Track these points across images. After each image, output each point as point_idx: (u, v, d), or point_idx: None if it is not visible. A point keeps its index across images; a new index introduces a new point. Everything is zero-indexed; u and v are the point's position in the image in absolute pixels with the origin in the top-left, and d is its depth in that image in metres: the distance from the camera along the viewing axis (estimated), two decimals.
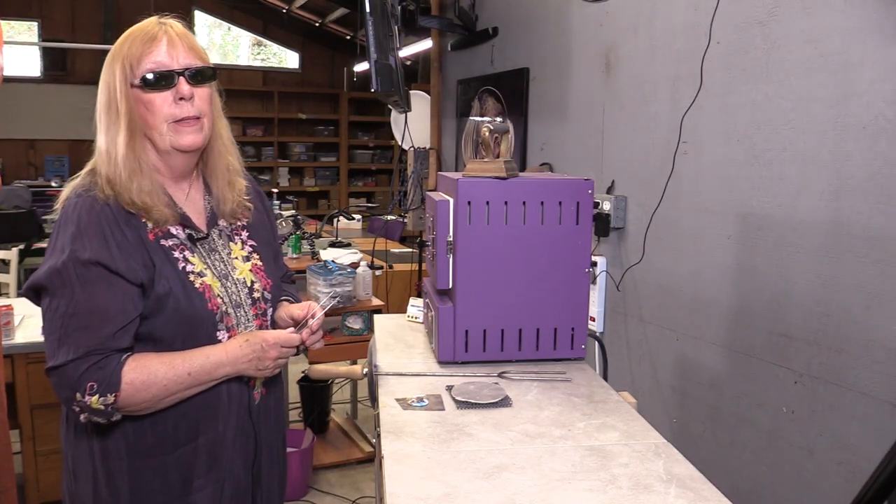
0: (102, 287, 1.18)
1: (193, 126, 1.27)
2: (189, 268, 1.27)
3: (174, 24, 1.27)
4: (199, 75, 1.26)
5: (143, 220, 1.24)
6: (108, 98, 1.25)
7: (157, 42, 1.23)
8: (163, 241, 1.25)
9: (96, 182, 1.23)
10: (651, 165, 2.49)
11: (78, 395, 1.15)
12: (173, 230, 1.28)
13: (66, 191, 1.26)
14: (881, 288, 1.70)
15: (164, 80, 1.23)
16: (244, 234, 1.41)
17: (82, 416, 1.18)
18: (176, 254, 1.26)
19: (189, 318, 1.25)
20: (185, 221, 1.30)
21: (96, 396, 1.15)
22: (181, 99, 1.24)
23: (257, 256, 1.41)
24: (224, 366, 1.26)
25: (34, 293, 1.23)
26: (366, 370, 1.53)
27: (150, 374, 1.19)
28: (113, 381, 1.16)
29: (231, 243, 1.38)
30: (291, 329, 1.35)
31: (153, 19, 1.28)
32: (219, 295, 1.29)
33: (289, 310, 1.42)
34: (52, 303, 1.18)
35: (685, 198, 2.34)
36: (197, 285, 1.26)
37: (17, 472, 2.35)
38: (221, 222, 1.38)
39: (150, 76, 1.22)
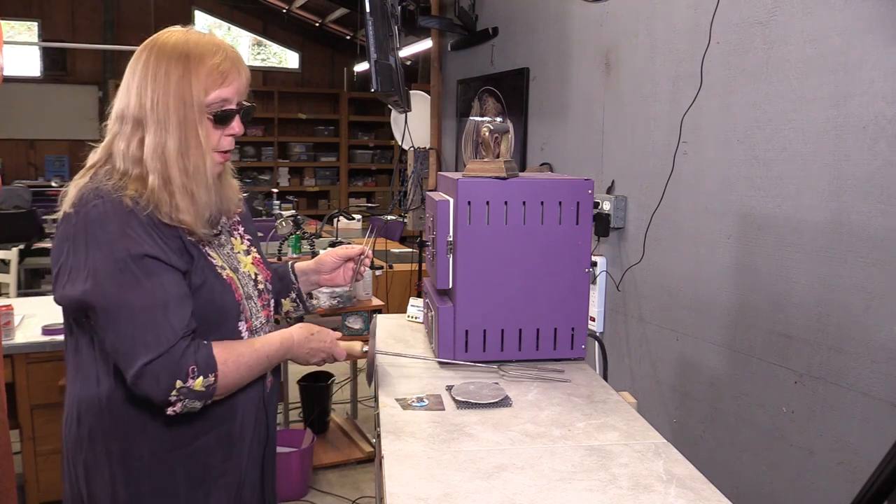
0: (166, 276, 1.18)
1: (228, 159, 1.33)
2: (213, 261, 1.29)
3: (235, 50, 1.29)
4: (248, 115, 1.31)
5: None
6: (185, 114, 1.22)
7: (233, 74, 1.25)
8: (189, 237, 1.27)
9: (121, 185, 1.20)
10: (651, 165, 2.49)
11: (179, 381, 1.15)
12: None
13: (76, 192, 1.21)
14: (881, 288, 1.70)
15: (230, 118, 1.27)
16: (241, 228, 1.46)
17: (178, 406, 1.17)
18: (201, 248, 1.29)
19: (219, 307, 1.27)
20: None
21: (200, 378, 1.17)
22: (231, 135, 1.29)
23: (255, 249, 1.46)
24: (292, 350, 1.37)
25: (87, 305, 1.17)
26: (366, 348, 1.54)
27: (238, 355, 1.24)
28: (211, 363, 1.19)
29: (232, 239, 1.41)
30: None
31: (224, 41, 1.28)
32: (239, 287, 1.33)
33: (337, 252, 1.60)
34: (123, 304, 1.15)
35: (685, 198, 2.34)
36: (224, 277, 1.29)
37: (17, 472, 2.35)
38: (223, 219, 1.40)
39: (222, 112, 1.25)
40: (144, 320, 1.15)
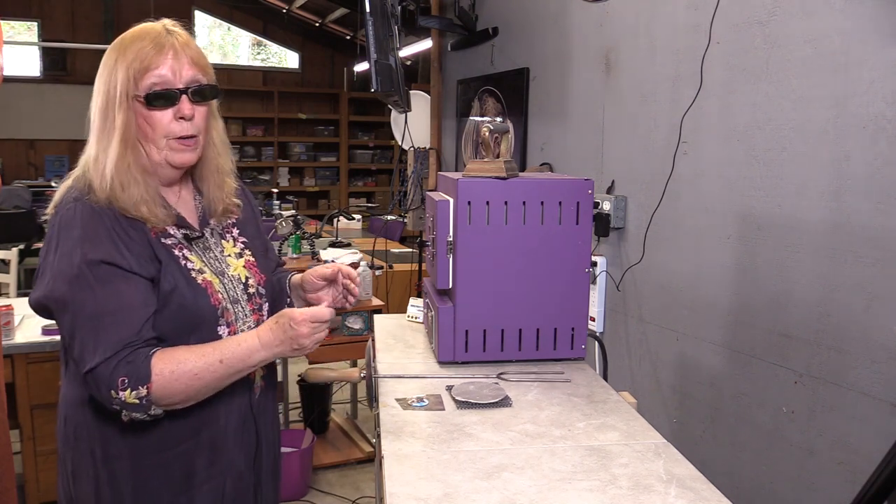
0: (121, 284, 1.18)
1: (190, 145, 1.27)
2: (189, 265, 1.27)
3: (181, 34, 1.26)
4: (201, 94, 1.26)
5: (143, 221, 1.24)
6: (106, 103, 1.23)
7: (162, 55, 1.21)
8: (163, 240, 1.26)
9: (91, 187, 1.22)
10: (651, 165, 2.49)
11: (113, 392, 1.15)
12: (170, 230, 1.28)
13: (60, 194, 1.24)
14: (881, 288, 1.70)
15: (166, 98, 1.22)
16: (235, 231, 1.43)
17: (123, 415, 1.18)
18: (176, 252, 1.27)
19: (193, 313, 1.25)
20: (180, 222, 1.31)
21: (129, 390, 1.15)
22: (181, 118, 1.24)
23: (249, 252, 1.42)
24: (258, 351, 1.23)
25: (44, 307, 1.21)
26: (363, 373, 1.53)
27: (179, 364, 1.18)
28: (143, 374, 1.15)
29: (223, 241, 1.39)
30: (325, 303, 1.34)
31: (160, 25, 1.26)
32: (219, 291, 1.30)
33: (317, 271, 1.45)
34: (73, 309, 1.17)
35: (685, 198, 2.34)
36: (199, 281, 1.27)
37: (17, 472, 2.35)
38: (212, 222, 1.38)
39: (153, 93, 1.21)
40: (92, 327, 1.16)
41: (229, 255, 1.38)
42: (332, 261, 1.56)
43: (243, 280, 1.37)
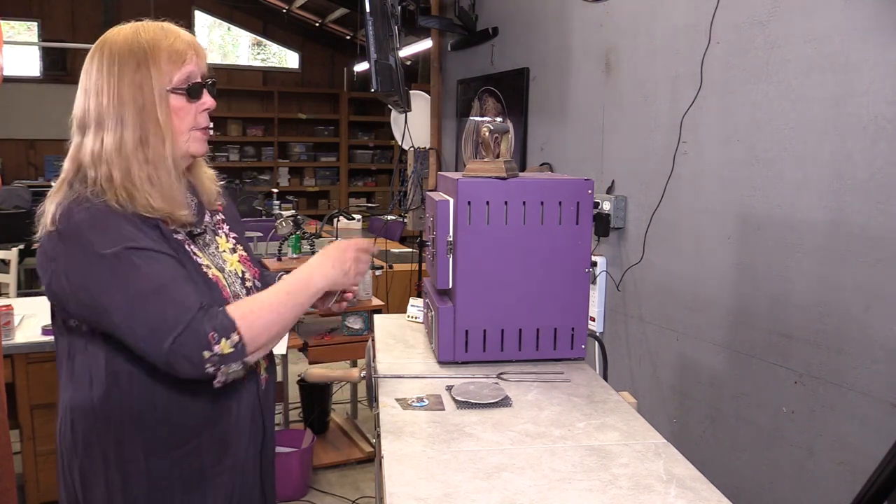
0: (165, 260, 1.18)
1: (207, 136, 1.33)
2: (199, 260, 1.28)
3: (185, 31, 1.31)
4: (213, 89, 1.34)
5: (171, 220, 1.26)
6: (143, 102, 1.23)
7: (189, 50, 1.27)
8: (174, 235, 1.27)
9: (100, 191, 1.20)
10: (651, 165, 2.49)
11: (206, 352, 1.13)
12: (176, 228, 1.29)
13: (58, 206, 1.20)
14: (881, 288, 1.70)
15: (199, 90, 1.29)
16: (225, 227, 1.44)
17: (220, 377, 1.16)
18: (186, 247, 1.28)
19: None
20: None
21: (223, 340, 1.15)
22: (205, 109, 1.31)
23: (241, 247, 1.44)
24: (313, 276, 1.31)
25: (80, 302, 1.18)
26: (363, 373, 1.53)
27: (252, 303, 1.23)
28: (227, 322, 1.16)
29: (217, 237, 1.40)
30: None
31: (164, 23, 1.30)
32: (225, 286, 1.31)
33: None
34: (123, 293, 1.14)
35: (685, 198, 2.34)
36: (210, 276, 1.28)
37: (17, 472, 2.35)
38: (206, 217, 1.39)
39: (192, 86, 1.27)
40: (155, 302, 1.14)
41: (224, 251, 1.39)
42: None
43: (240, 274, 1.39)
